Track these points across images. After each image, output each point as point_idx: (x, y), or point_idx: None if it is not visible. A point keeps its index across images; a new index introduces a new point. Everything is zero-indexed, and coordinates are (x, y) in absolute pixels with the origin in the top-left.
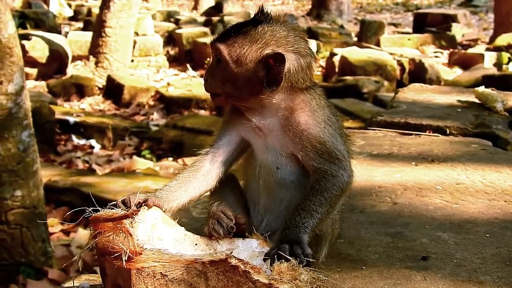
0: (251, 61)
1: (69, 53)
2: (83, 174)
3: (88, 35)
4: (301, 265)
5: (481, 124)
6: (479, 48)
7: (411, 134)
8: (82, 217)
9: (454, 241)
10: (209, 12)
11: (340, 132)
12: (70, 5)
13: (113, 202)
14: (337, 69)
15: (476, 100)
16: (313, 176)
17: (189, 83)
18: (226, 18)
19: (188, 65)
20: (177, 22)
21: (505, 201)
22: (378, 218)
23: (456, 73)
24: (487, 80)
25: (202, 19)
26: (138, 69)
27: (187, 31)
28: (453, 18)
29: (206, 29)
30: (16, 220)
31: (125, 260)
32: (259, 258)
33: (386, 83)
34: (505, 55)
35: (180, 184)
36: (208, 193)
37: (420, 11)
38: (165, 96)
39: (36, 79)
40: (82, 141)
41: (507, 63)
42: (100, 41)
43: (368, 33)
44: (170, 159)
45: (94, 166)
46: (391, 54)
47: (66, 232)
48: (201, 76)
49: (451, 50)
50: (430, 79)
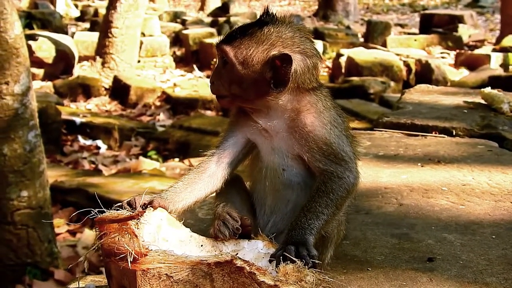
0: (258, 63)
1: (76, 54)
2: (89, 175)
3: (95, 36)
4: (307, 267)
5: (488, 125)
6: (486, 49)
7: (417, 135)
8: (88, 218)
9: (460, 243)
10: (216, 13)
11: (346, 134)
12: (77, 6)
13: (119, 203)
14: (344, 70)
15: (483, 101)
16: (319, 178)
17: (196, 84)
18: (233, 19)
19: (195, 66)
20: (184, 23)
21: (511, 202)
22: (384, 219)
23: (463, 74)
24: (494, 81)
25: (209, 20)
26: (145, 70)
27: (194, 32)
28: (460, 19)
29: (213, 30)
30: (22, 221)
31: (131, 261)
32: (265, 260)
33: (393, 84)
34: None
35: (186, 185)
36: (214, 194)
37: (427, 12)
38: (172, 97)
39: (43, 80)
40: (88, 142)
41: None
42: (107, 42)
43: (375, 34)
44: (176, 160)
45: (100, 167)
46: (398, 55)
47: (72, 233)
48: (208, 77)
49: (458, 51)
50: (437, 80)
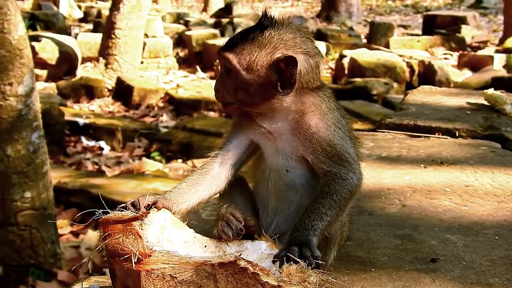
0: (262, 67)
1: (79, 55)
2: (93, 176)
3: (98, 37)
4: (310, 267)
5: (491, 127)
6: (489, 50)
7: (420, 136)
8: (92, 219)
9: (463, 243)
10: (219, 14)
11: (350, 135)
12: (80, 7)
13: (123, 204)
14: (347, 71)
15: (485, 102)
16: (323, 179)
17: (199, 85)
18: (236, 20)
19: (198, 67)
20: (187, 24)
21: None
22: (387, 220)
23: (466, 75)
24: (497, 82)
25: (212, 21)
26: (148, 71)
27: (197, 33)
28: (463, 20)
29: (216, 31)
30: (26, 222)
31: (135, 262)
32: (268, 260)
33: (396, 85)
34: None
35: (190, 186)
36: (217, 196)
37: (430, 13)
38: (175, 98)
39: (46, 81)
40: (92, 143)
41: None
42: (110, 43)
43: (378, 35)
44: (180, 161)
45: (104, 168)
46: (401, 56)
47: (76, 234)
48: (211, 78)
49: (461, 52)
50: (440, 81)
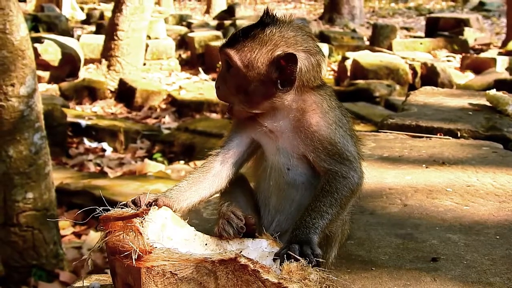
0: (263, 64)
1: (82, 56)
2: (95, 177)
3: (101, 39)
4: (311, 265)
5: (492, 127)
6: (492, 53)
7: (422, 137)
8: (93, 220)
9: (464, 243)
10: (221, 16)
11: (351, 133)
12: (83, 9)
13: (123, 202)
14: (349, 73)
15: (488, 103)
16: (324, 177)
17: (201, 87)
18: (238, 22)
19: (200, 69)
20: (189, 26)
21: None
22: (388, 220)
23: (468, 77)
24: (499, 84)
25: (214, 23)
26: (150, 73)
27: (199, 35)
28: (466, 22)
29: (218, 33)
30: (28, 223)
31: (135, 259)
32: (269, 258)
33: (398, 87)
34: None
35: (191, 185)
36: (219, 194)
37: (433, 15)
38: (177, 100)
39: (49, 82)
40: (94, 144)
41: None
42: (113, 45)
43: (380, 37)
44: (182, 162)
45: (106, 169)
46: (403, 58)
47: (78, 235)
48: (213, 80)
49: (463, 54)
50: (442, 83)
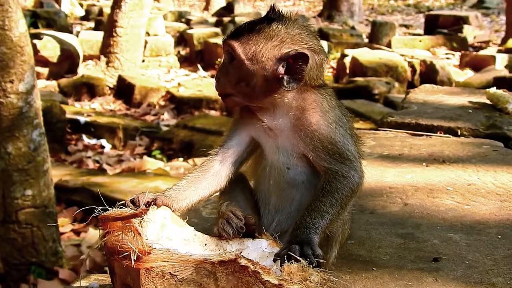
0: (268, 59)
1: (80, 53)
2: (94, 174)
3: (100, 35)
4: (311, 266)
5: (493, 125)
6: (491, 50)
7: (422, 135)
8: (92, 217)
9: (466, 243)
10: (220, 13)
11: (351, 133)
12: (82, 5)
13: (122, 202)
14: (348, 70)
15: (488, 101)
16: (324, 177)
17: (200, 84)
18: (237, 19)
19: (199, 66)
20: (188, 23)
21: None
22: (389, 219)
23: (468, 75)
24: (499, 82)
25: (213, 20)
26: (149, 69)
27: (198, 32)
28: (465, 20)
29: (217, 30)
30: (27, 220)
31: (134, 260)
32: (269, 259)
33: (397, 85)
34: None
35: (190, 184)
36: (218, 193)
37: (432, 13)
38: (176, 96)
39: (47, 79)
40: (93, 141)
41: None
42: (111, 41)
43: (379, 35)
44: (181, 159)
45: (105, 166)
46: (402, 56)
47: (77, 232)
48: (212, 77)
49: (463, 52)
50: (441, 81)
